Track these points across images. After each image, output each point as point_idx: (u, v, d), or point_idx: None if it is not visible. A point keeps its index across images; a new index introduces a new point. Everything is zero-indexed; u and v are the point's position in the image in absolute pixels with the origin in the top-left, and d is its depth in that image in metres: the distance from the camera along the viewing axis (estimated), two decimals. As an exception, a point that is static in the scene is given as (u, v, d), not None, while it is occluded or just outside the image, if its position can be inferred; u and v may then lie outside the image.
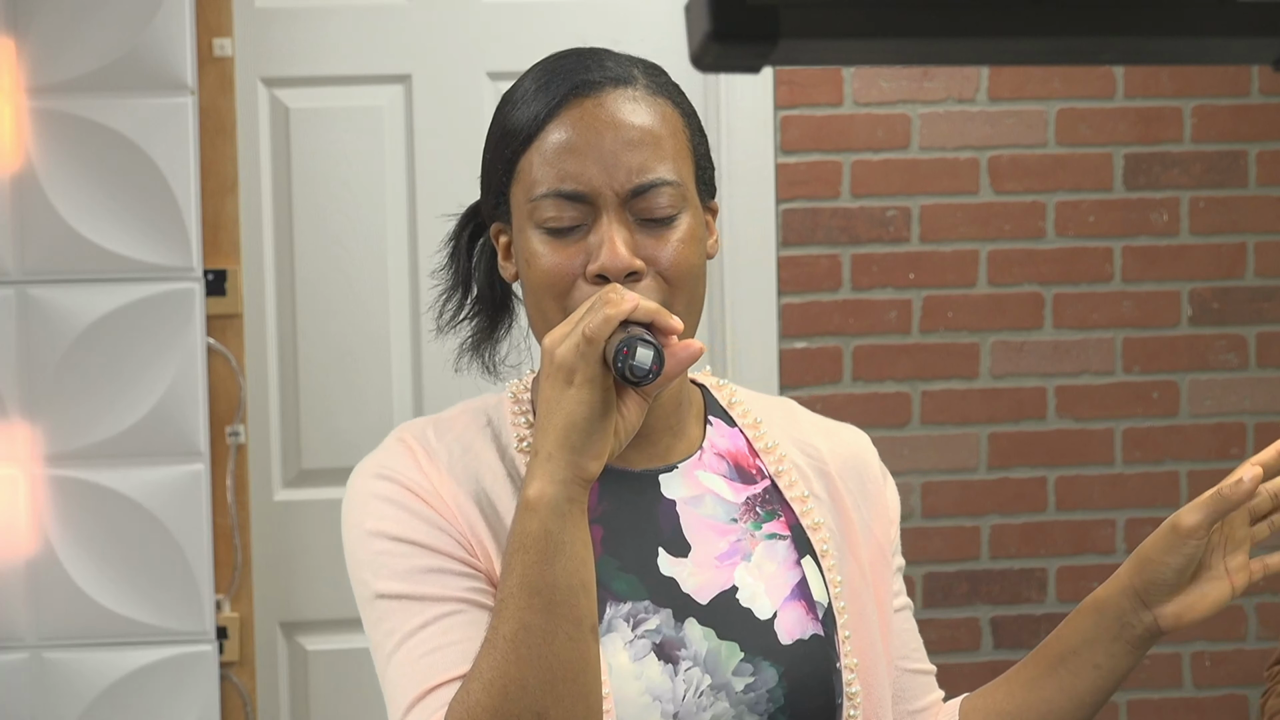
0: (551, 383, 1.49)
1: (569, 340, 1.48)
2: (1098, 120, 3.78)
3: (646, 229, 1.60)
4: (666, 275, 1.60)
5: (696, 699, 1.59)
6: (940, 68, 3.65)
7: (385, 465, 1.63)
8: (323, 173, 3.66)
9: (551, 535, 1.47)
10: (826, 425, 1.82)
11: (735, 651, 1.61)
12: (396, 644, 1.56)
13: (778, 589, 1.66)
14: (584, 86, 1.61)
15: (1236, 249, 3.81)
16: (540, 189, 1.60)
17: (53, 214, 3.23)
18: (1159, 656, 3.81)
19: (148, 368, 3.25)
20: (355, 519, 1.63)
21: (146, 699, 3.27)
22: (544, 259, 1.60)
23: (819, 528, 1.70)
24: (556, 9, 3.70)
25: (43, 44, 3.23)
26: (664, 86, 1.65)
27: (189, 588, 3.27)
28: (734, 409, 1.77)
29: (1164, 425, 3.81)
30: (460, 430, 1.67)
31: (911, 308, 3.75)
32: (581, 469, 1.48)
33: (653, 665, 1.59)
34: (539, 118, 1.61)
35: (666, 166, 1.60)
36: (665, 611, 1.61)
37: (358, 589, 1.62)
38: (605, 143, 1.59)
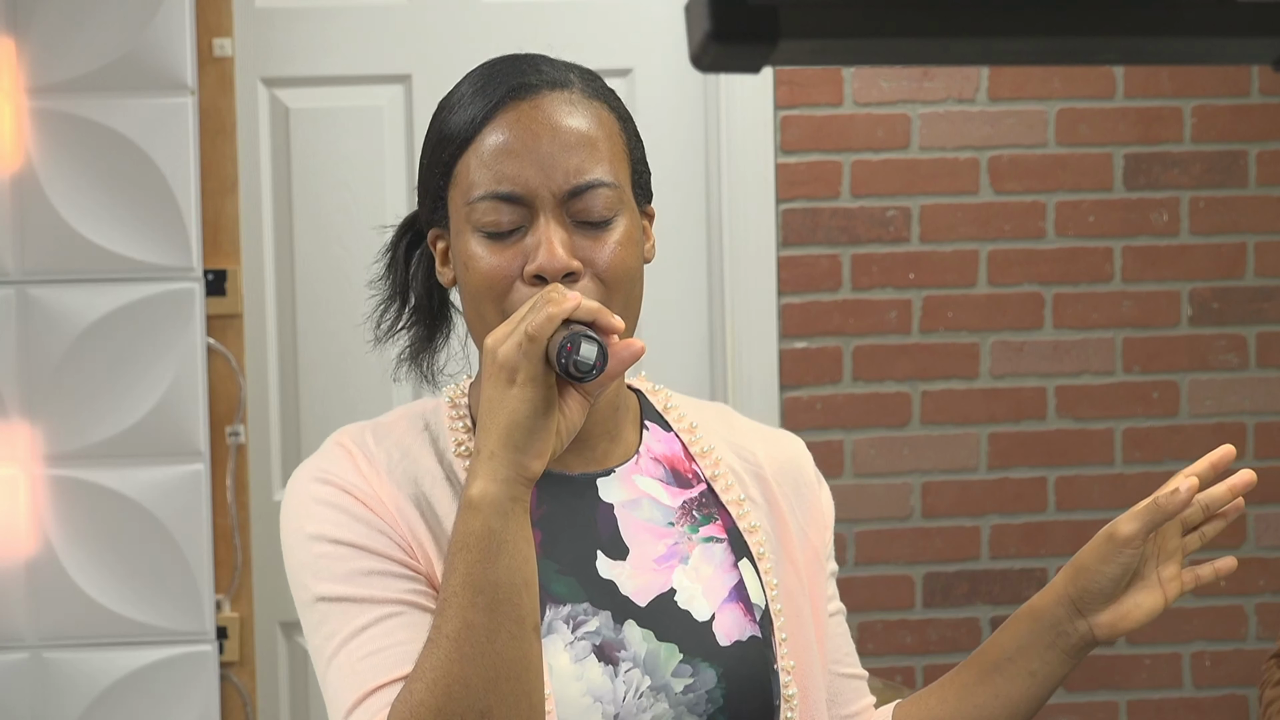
0: (494, 382, 1.49)
1: (511, 339, 1.48)
2: (1098, 120, 3.78)
3: (584, 231, 1.60)
4: (603, 277, 1.60)
5: (637, 700, 1.60)
6: (940, 68, 3.65)
7: (324, 469, 1.63)
8: (323, 173, 3.66)
9: (494, 534, 1.48)
10: (762, 431, 1.82)
11: (674, 653, 1.62)
12: (337, 646, 1.56)
13: (715, 591, 1.66)
14: (520, 90, 1.61)
15: (1236, 249, 3.81)
16: (477, 191, 1.60)
17: (53, 214, 3.23)
18: (1159, 657, 3.82)
19: (148, 368, 3.25)
20: (295, 523, 1.62)
21: (146, 699, 3.27)
22: (482, 261, 1.60)
23: (755, 531, 1.71)
24: (556, 9, 3.70)
25: (43, 44, 3.23)
26: (599, 91, 1.66)
27: (189, 588, 3.27)
28: (670, 413, 1.78)
29: (1164, 425, 3.81)
30: (399, 435, 1.67)
31: (911, 308, 3.75)
32: (524, 468, 1.49)
33: (593, 667, 1.60)
34: (475, 121, 1.61)
35: (603, 168, 1.61)
36: (604, 614, 1.62)
37: (297, 592, 1.62)
38: (542, 145, 1.59)
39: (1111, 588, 1.65)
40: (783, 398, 3.69)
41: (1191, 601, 3.81)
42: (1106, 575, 1.64)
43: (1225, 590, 3.82)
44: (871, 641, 3.73)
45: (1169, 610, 1.71)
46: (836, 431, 3.73)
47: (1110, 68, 3.78)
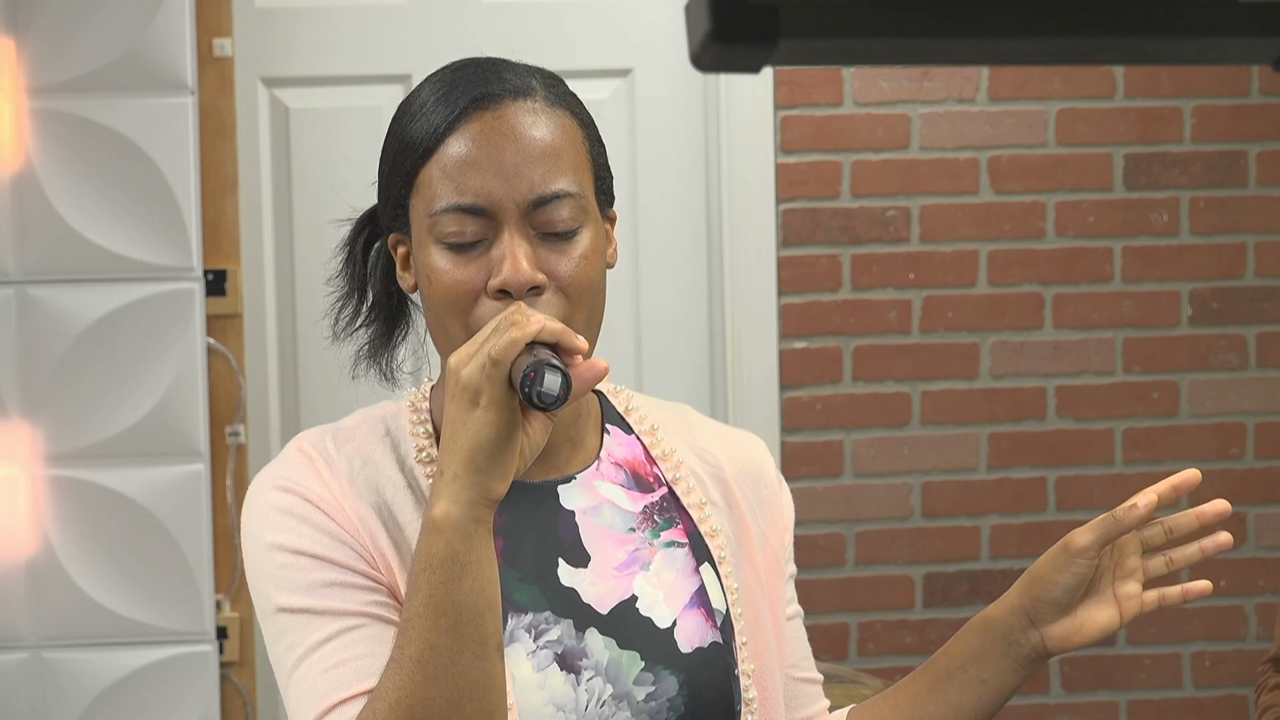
0: (457, 404, 1.48)
1: (474, 361, 1.47)
2: (1098, 120, 3.78)
3: (548, 242, 1.59)
4: (567, 290, 1.59)
5: (599, 709, 1.60)
6: (940, 68, 3.65)
7: (286, 477, 1.62)
8: (323, 173, 3.66)
9: (457, 556, 1.48)
10: (723, 432, 1.81)
11: (636, 661, 1.62)
12: (299, 658, 1.56)
13: (676, 597, 1.66)
14: (484, 99, 1.60)
15: (1236, 249, 3.81)
16: (440, 203, 1.59)
17: (53, 214, 3.23)
18: (1159, 657, 3.82)
19: (148, 368, 3.25)
20: (255, 531, 1.61)
21: (146, 699, 3.27)
22: (445, 275, 1.59)
23: (716, 534, 1.70)
24: (556, 9, 3.70)
25: (43, 44, 3.23)
26: (562, 97, 1.64)
27: (189, 588, 3.27)
28: (630, 415, 1.77)
29: (1164, 425, 3.81)
30: (359, 440, 1.67)
31: (911, 308, 3.75)
32: (487, 490, 1.48)
33: (555, 675, 1.59)
34: (438, 130, 1.60)
35: (567, 179, 1.59)
36: (566, 622, 1.62)
37: (258, 601, 1.61)
38: (505, 155, 1.58)
39: (1065, 598, 1.64)
40: (783, 398, 3.69)
41: (1192, 601, 3.81)
42: (1059, 585, 1.63)
43: (1225, 590, 3.82)
44: (871, 641, 3.73)
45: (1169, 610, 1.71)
46: (836, 431, 3.73)
47: (1110, 68, 3.78)
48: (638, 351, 3.74)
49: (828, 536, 3.73)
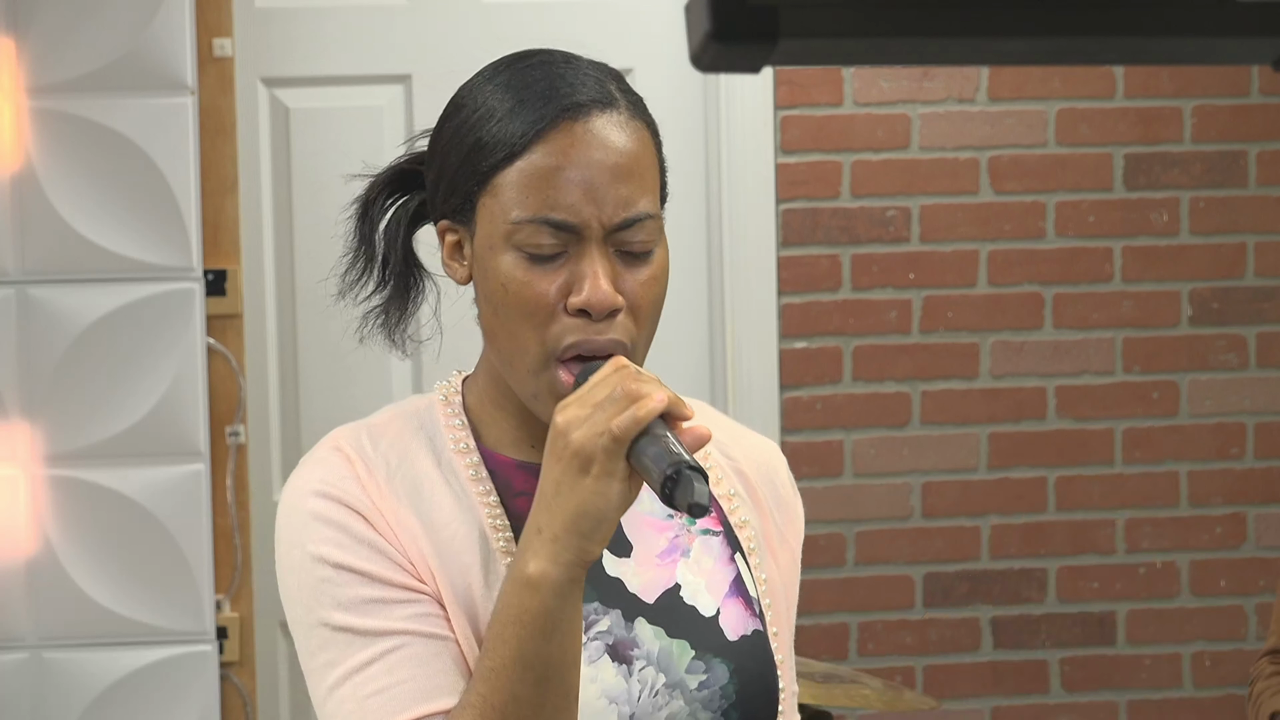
0: (564, 467, 1.47)
1: (588, 428, 1.46)
2: (1098, 120, 3.78)
3: (624, 260, 1.59)
4: (637, 311, 1.59)
5: (652, 698, 1.60)
6: (940, 68, 3.65)
7: (325, 481, 1.62)
8: (323, 173, 3.66)
9: (551, 615, 1.48)
10: (741, 430, 1.81)
11: (686, 649, 1.62)
12: (340, 678, 1.57)
13: (717, 585, 1.67)
14: (573, 110, 1.58)
15: (1236, 249, 3.81)
16: (525, 213, 1.57)
17: (53, 214, 3.23)
18: (1159, 657, 3.82)
19: (148, 368, 3.25)
20: (295, 538, 1.63)
21: (146, 699, 3.27)
22: (524, 286, 1.58)
23: (745, 526, 1.71)
24: (557, 9, 3.71)
25: (43, 44, 3.23)
26: (637, 105, 1.64)
27: (189, 588, 3.27)
28: None
29: (1164, 425, 3.81)
30: (394, 436, 1.66)
31: (911, 308, 3.75)
32: (586, 553, 1.48)
33: (607, 667, 1.60)
34: (525, 137, 1.58)
35: (648, 199, 1.59)
36: (615, 612, 1.62)
37: (293, 609, 1.62)
38: (594, 174, 1.57)
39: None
40: (783, 398, 3.68)
41: (1191, 601, 3.81)
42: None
43: (1225, 590, 3.82)
44: (872, 641, 3.73)
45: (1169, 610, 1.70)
46: (836, 431, 3.73)
47: (1110, 68, 3.78)
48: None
49: (828, 536, 3.73)
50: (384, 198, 1.75)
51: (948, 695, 3.77)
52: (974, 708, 3.79)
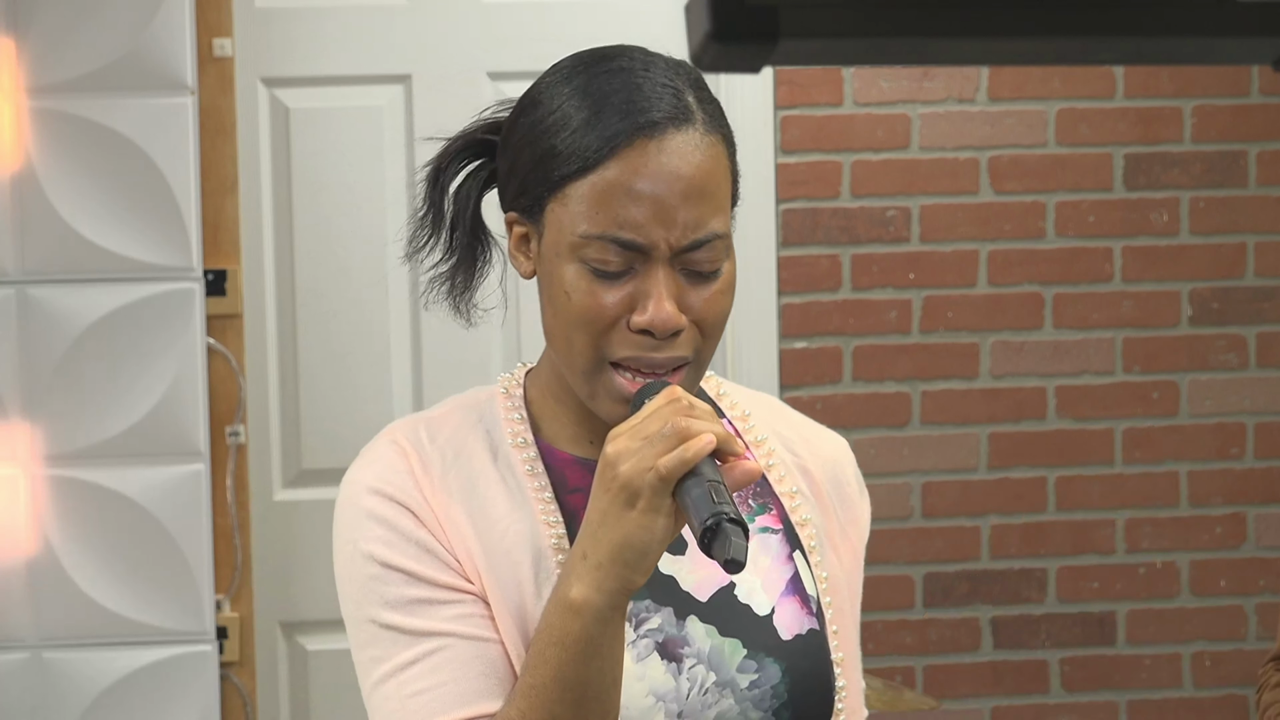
0: (611, 498, 1.48)
1: (636, 463, 1.47)
2: (1098, 120, 3.78)
3: (690, 279, 1.59)
4: (702, 326, 1.60)
5: (701, 697, 1.60)
6: (940, 68, 3.65)
7: (380, 477, 1.63)
8: (323, 173, 3.66)
9: (592, 639, 1.50)
10: (810, 426, 1.81)
11: (738, 648, 1.62)
12: (384, 676, 1.59)
13: (773, 584, 1.67)
14: (648, 128, 1.57)
15: (1236, 249, 3.81)
16: (594, 229, 1.57)
17: (53, 214, 3.23)
18: (1159, 657, 3.82)
19: (148, 368, 3.25)
20: (348, 533, 1.63)
21: (146, 699, 3.27)
22: (586, 296, 1.58)
23: (806, 524, 1.71)
24: (556, 9, 3.71)
25: (43, 44, 3.23)
26: (714, 118, 1.62)
27: (189, 588, 3.27)
28: (722, 401, 1.77)
29: (1164, 425, 3.81)
30: (451, 431, 1.67)
31: (911, 308, 3.75)
32: (629, 582, 1.49)
33: (656, 665, 1.60)
34: (599, 152, 1.57)
35: (718, 219, 1.59)
36: (666, 610, 1.62)
37: (345, 603, 1.64)
38: (665, 194, 1.56)
39: None
40: (783, 398, 3.68)
41: (1191, 601, 3.81)
42: None
43: (1225, 590, 3.82)
44: (872, 641, 3.73)
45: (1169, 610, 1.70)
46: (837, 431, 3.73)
47: (1110, 68, 3.78)
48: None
49: (828, 536, 3.72)
50: (456, 164, 1.73)
51: (948, 695, 3.77)
52: (974, 708, 3.79)
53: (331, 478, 3.68)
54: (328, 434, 3.67)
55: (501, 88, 3.67)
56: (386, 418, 3.67)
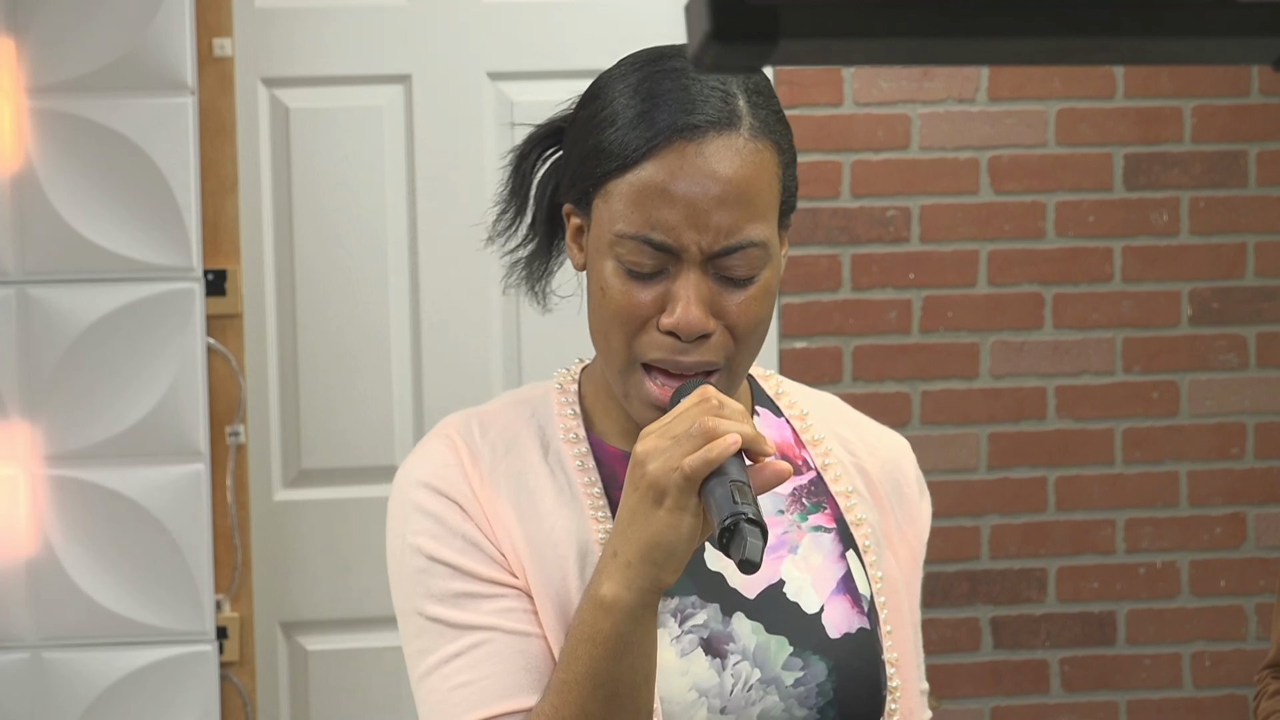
0: (640, 497, 1.50)
1: (663, 462, 1.48)
2: (1098, 120, 3.78)
3: (723, 284, 1.59)
4: (735, 331, 1.60)
5: (745, 693, 1.61)
6: (940, 68, 3.65)
7: (430, 471, 1.65)
8: (323, 173, 3.66)
9: (623, 636, 1.52)
10: (871, 427, 1.81)
11: (784, 645, 1.63)
12: (430, 668, 1.62)
13: (824, 582, 1.67)
14: (687, 131, 1.57)
15: (1236, 249, 3.81)
16: (628, 228, 1.58)
17: (53, 214, 3.23)
18: (1159, 657, 3.82)
19: (148, 368, 3.25)
20: (398, 527, 1.66)
21: (146, 699, 3.27)
22: (620, 295, 1.59)
23: (861, 523, 1.71)
24: (556, 9, 3.70)
25: (43, 44, 3.23)
26: (766, 124, 1.61)
27: (189, 588, 3.27)
28: (780, 399, 1.78)
29: (1164, 425, 3.81)
30: (504, 425, 1.68)
31: (911, 308, 3.75)
32: (659, 581, 1.51)
33: (699, 661, 1.61)
34: (638, 151, 1.58)
35: (755, 227, 1.58)
36: (713, 606, 1.63)
37: (395, 595, 1.67)
38: (699, 198, 1.56)
39: None
40: (783, 398, 3.69)
41: (1191, 601, 3.81)
42: None
43: (1225, 590, 3.82)
44: (871, 641, 3.73)
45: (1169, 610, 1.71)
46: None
47: (1110, 68, 3.79)
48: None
49: (828, 536, 3.73)
50: (538, 151, 1.74)
51: (948, 695, 3.77)
52: (974, 708, 3.79)
53: (331, 478, 3.69)
54: (328, 434, 3.67)
55: (501, 88, 3.67)
56: (386, 417, 3.67)
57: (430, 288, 3.68)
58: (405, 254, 3.68)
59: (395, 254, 3.68)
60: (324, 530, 3.67)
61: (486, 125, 3.67)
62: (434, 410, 3.67)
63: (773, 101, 1.64)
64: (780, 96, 3.80)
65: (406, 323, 3.68)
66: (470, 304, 3.69)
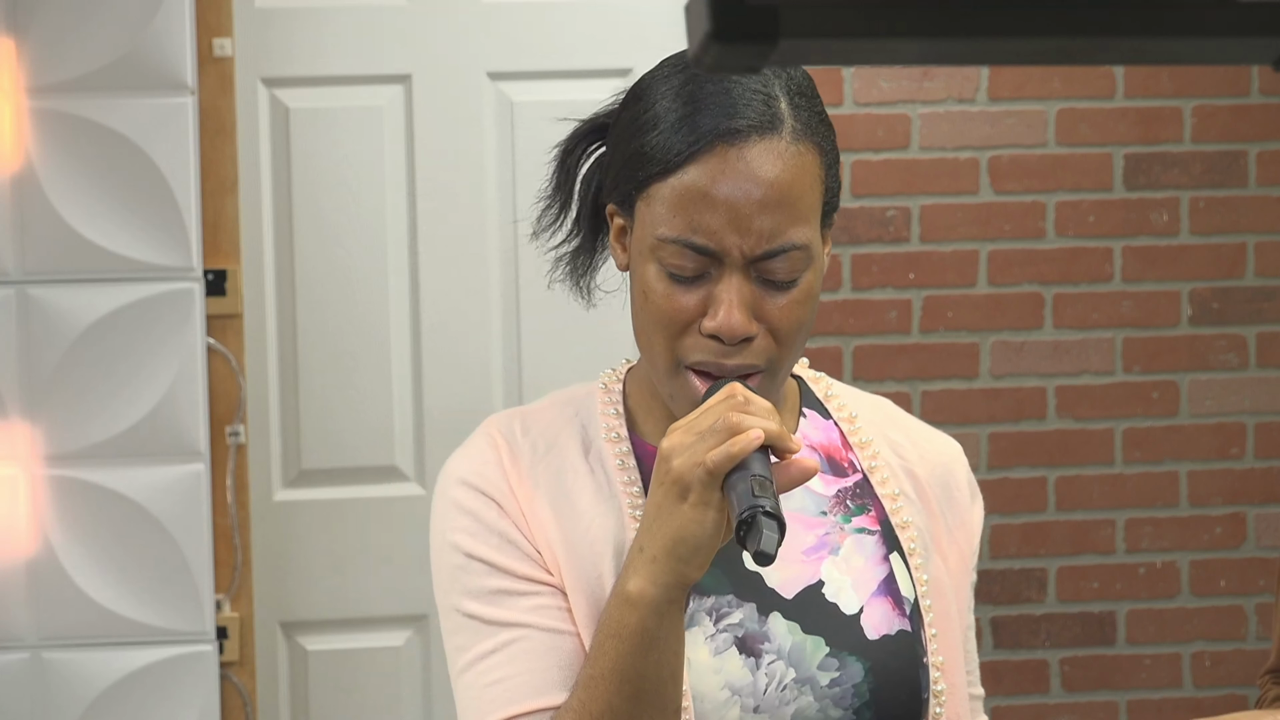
0: (665, 492, 1.51)
1: (688, 456, 1.49)
2: (1098, 120, 3.78)
3: (766, 287, 1.59)
4: (777, 334, 1.60)
5: (779, 692, 1.61)
6: (940, 68, 3.65)
7: (470, 469, 1.67)
8: (323, 173, 3.66)
9: (648, 631, 1.52)
10: (923, 430, 1.81)
11: (821, 646, 1.63)
12: (467, 664, 1.64)
13: (865, 584, 1.67)
14: (729, 135, 1.57)
15: (1236, 249, 3.81)
16: (669, 232, 1.58)
17: (53, 214, 3.23)
18: (1159, 657, 3.82)
19: (148, 368, 3.25)
20: (439, 524, 1.68)
21: (146, 699, 3.27)
22: (662, 299, 1.60)
23: (908, 526, 1.71)
24: (556, 9, 3.70)
25: (43, 44, 3.23)
26: (808, 126, 1.62)
27: (189, 588, 3.27)
28: (830, 402, 1.78)
29: (1164, 425, 3.81)
30: (546, 424, 1.69)
31: (911, 308, 3.75)
32: (684, 576, 1.52)
33: (733, 659, 1.61)
34: (679, 155, 1.58)
35: (798, 229, 1.58)
36: (749, 605, 1.63)
37: (436, 591, 1.68)
38: (740, 202, 1.56)
39: None
40: (783, 398, 3.69)
41: (1191, 601, 3.81)
42: None
43: (1225, 590, 3.82)
44: (871, 641, 3.73)
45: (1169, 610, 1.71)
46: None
47: (1110, 68, 3.79)
48: (638, 351, 3.74)
49: (828, 536, 3.73)
50: (582, 146, 1.75)
51: (948, 695, 3.76)
52: (974, 708, 3.79)
53: (331, 478, 3.69)
54: (328, 434, 3.67)
55: (501, 88, 3.67)
56: (386, 417, 3.67)
57: (430, 287, 3.68)
58: (405, 254, 3.68)
59: (395, 254, 3.68)
60: (324, 530, 3.67)
61: (486, 125, 3.67)
62: (434, 410, 3.67)
63: (815, 103, 1.65)
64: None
65: (406, 322, 3.68)
66: (470, 304, 3.69)
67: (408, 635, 3.66)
